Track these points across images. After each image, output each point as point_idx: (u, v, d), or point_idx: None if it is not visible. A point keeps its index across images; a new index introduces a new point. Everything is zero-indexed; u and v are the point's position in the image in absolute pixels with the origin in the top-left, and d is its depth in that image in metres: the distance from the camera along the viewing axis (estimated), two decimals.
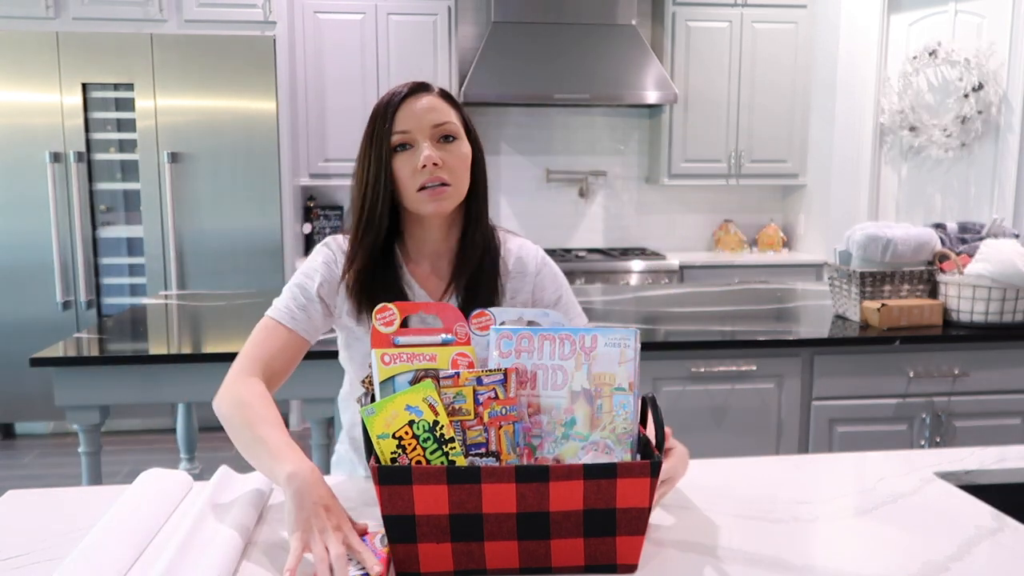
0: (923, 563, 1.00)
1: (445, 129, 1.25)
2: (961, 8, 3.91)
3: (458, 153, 1.26)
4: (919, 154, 4.10)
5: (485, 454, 0.98)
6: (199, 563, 0.95)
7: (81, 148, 3.89)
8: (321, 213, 4.62)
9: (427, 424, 0.96)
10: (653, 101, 4.40)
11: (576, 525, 0.94)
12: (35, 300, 3.94)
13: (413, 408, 0.96)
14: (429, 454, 0.95)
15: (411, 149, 1.24)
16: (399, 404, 0.96)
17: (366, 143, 1.26)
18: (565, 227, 4.93)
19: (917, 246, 2.49)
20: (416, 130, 1.23)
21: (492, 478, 0.92)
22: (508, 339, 1.02)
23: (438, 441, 0.96)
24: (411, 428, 0.95)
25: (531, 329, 1.02)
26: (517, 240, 1.42)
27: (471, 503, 0.93)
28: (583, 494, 0.93)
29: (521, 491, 0.92)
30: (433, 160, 1.22)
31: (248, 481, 1.21)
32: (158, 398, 2.30)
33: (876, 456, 1.39)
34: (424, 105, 1.24)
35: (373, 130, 1.25)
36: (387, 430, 0.95)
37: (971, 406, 2.46)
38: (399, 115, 1.23)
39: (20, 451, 3.97)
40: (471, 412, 0.98)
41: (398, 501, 0.92)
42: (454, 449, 0.96)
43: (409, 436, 0.95)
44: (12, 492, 1.23)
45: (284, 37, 4.07)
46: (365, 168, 1.26)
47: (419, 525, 0.93)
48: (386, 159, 1.24)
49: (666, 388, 2.37)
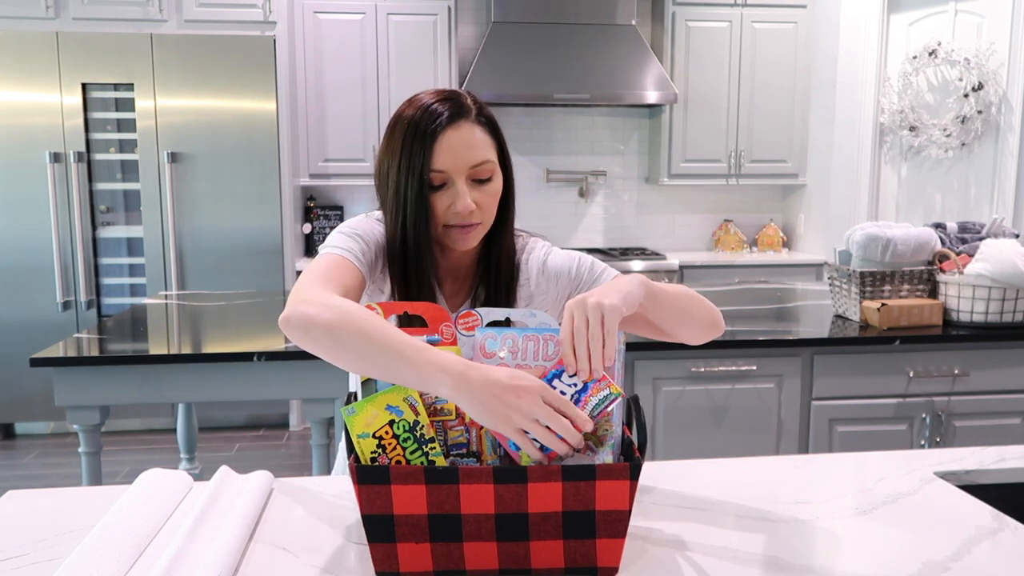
0: (923, 563, 1.00)
1: (481, 171, 1.21)
2: (961, 8, 3.91)
3: (492, 192, 1.23)
4: (919, 154, 4.10)
5: (466, 454, 0.98)
6: (199, 563, 0.95)
7: (81, 148, 3.90)
8: (321, 213, 4.62)
9: (407, 424, 0.95)
10: (653, 101, 4.40)
11: (555, 527, 0.94)
12: (35, 300, 3.94)
13: (393, 408, 0.95)
14: (409, 454, 0.95)
15: (445, 187, 1.20)
16: (379, 404, 0.95)
17: (400, 161, 1.19)
18: (565, 227, 4.93)
19: (917, 246, 2.49)
20: (453, 170, 1.19)
21: (470, 479, 0.92)
22: (493, 339, 1.01)
23: (418, 441, 0.96)
24: (391, 428, 0.95)
25: (516, 330, 1.01)
26: (542, 250, 1.36)
27: (449, 503, 0.92)
28: (562, 496, 0.93)
29: (499, 492, 0.92)
30: (470, 208, 1.19)
31: (248, 481, 1.21)
32: (158, 398, 2.30)
33: (876, 456, 1.39)
34: (463, 141, 1.19)
35: (408, 151, 1.18)
36: (367, 429, 0.95)
37: (971, 406, 2.46)
38: (438, 150, 1.17)
39: (20, 451, 3.97)
40: (452, 412, 0.98)
41: (377, 500, 0.93)
42: (434, 449, 0.96)
43: (389, 436, 0.95)
44: (12, 492, 1.23)
45: (284, 37, 4.07)
46: (401, 188, 1.19)
47: (398, 525, 0.93)
48: (425, 190, 1.19)
49: (666, 388, 2.37)
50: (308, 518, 1.14)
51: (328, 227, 4.62)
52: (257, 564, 1.00)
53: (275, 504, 1.18)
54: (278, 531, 1.09)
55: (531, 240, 1.39)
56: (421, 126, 1.18)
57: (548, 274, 1.34)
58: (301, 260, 4.35)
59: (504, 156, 1.27)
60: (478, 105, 1.23)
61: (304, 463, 3.75)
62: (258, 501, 1.15)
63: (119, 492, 1.20)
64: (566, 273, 1.34)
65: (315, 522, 1.13)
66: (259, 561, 1.01)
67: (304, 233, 4.58)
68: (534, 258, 1.35)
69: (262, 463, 3.58)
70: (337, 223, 4.62)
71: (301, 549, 1.05)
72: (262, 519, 1.13)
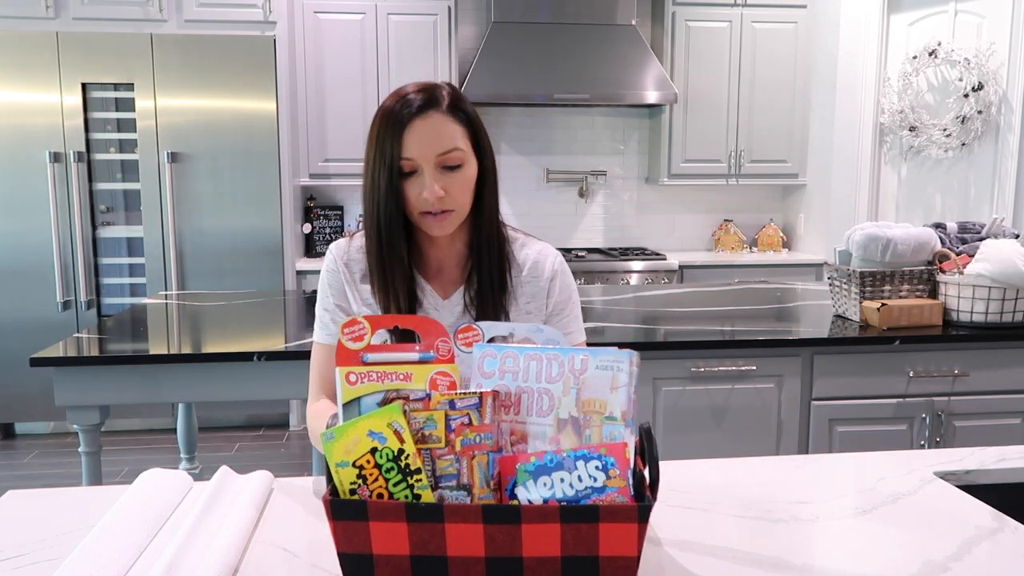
0: (923, 563, 1.00)
1: (450, 158, 1.24)
2: (961, 8, 3.91)
3: (462, 179, 1.26)
4: (919, 154, 4.10)
5: (456, 487, 0.88)
6: (199, 563, 0.95)
7: (81, 148, 3.89)
8: (321, 213, 4.61)
9: (391, 453, 0.87)
10: (653, 101, 4.40)
11: (553, 574, 0.84)
12: (35, 300, 3.94)
13: (376, 434, 0.87)
14: (392, 486, 0.86)
15: (416, 175, 1.24)
16: (361, 429, 0.87)
17: (374, 151, 1.25)
18: (565, 227, 4.93)
19: (917, 246, 2.49)
20: (420, 157, 1.23)
21: (456, 517, 0.83)
22: (492, 357, 0.94)
23: (403, 472, 0.87)
24: (373, 456, 0.86)
25: (517, 348, 0.94)
26: (537, 246, 1.42)
27: (434, 544, 0.83)
28: (560, 539, 0.83)
29: (490, 533, 0.83)
30: (437, 194, 1.23)
31: (248, 481, 1.21)
32: (158, 398, 2.30)
33: (876, 456, 1.39)
34: (432, 129, 1.23)
35: (381, 141, 1.24)
36: (347, 457, 0.86)
37: (971, 406, 2.46)
38: (406, 138, 1.22)
39: (20, 451, 3.97)
40: (442, 439, 0.89)
41: (354, 538, 0.84)
42: (420, 482, 0.87)
43: (371, 465, 0.86)
44: (12, 492, 1.23)
45: (284, 37, 4.07)
46: (375, 177, 1.25)
47: (377, 566, 0.85)
48: (395, 177, 1.23)
49: (666, 388, 2.37)
50: (308, 518, 1.14)
51: (328, 227, 4.62)
52: (257, 564, 1.00)
53: (275, 504, 1.18)
54: (278, 531, 1.09)
55: (529, 239, 1.43)
56: (393, 115, 1.23)
57: (539, 268, 1.39)
58: (301, 260, 4.35)
59: (480, 146, 1.29)
60: (453, 97, 1.27)
61: (304, 463, 3.75)
62: (258, 501, 1.15)
63: (119, 492, 1.20)
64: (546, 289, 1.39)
65: (315, 522, 1.13)
66: (259, 561, 1.01)
67: (304, 233, 4.58)
68: (531, 251, 1.41)
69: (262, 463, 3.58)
70: (337, 223, 4.63)
71: (301, 549, 1.04)
72: (262, 519, 1.13)
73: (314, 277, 4.13)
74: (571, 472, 0.86)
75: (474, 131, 1.28)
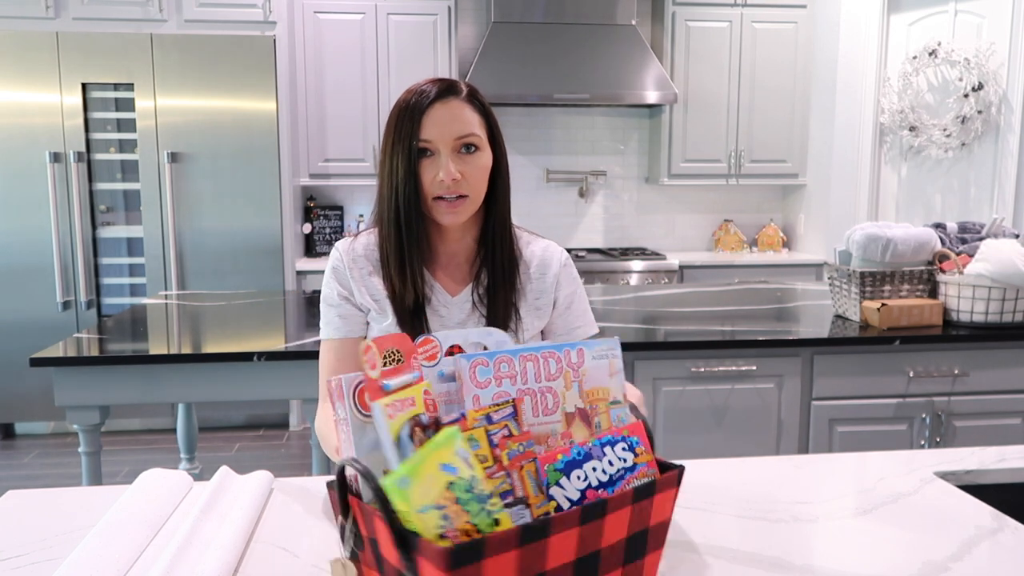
0: (923, 563, 1.00)
1: (467, 141, 1.26)
2: (961, 8, 3.91)
3: (478, 164, 1.27)
4: (919, 154, 4.10)
5: (514, 502, 0.84)
6: (199, 563, 0.95)
7: (81, 148, 3.89)
8: (321, 213, 4.61)
9: (465, 483, 0.78)
10: (653, 101, 4.40)
11: (618, 556, 0.86)
12: (35, 300, 3.94)
13: (448, 467, 0.78)
14: (474, 517, 0.78)
15: (432, 156, 1.25)
16: (432, 464, 0.77)
17: (392, 138, 1.26)
18: (565, 227, 4.93)
19: (917, 246, 2.49)
20: (439, 139, 1.24)
21: (560, 527, 0.80)
22: (484, 366, 0.91)
23: (479, 500, 0.79)
24: (450, 491, 0.77)
25: (509, 351, 0.92)
26: (542, 242, 1.44)
27: (538, 563, 0.79)
28: (628, 520, 0.85)
29: (582, 534, 0.82)
30: (453, 176, 1.24)
31: (248, 481, 1.21)
32: (158, 398, 2.30)
33: (876, 456, 1.39)
34: (450, 114, 1.25)
35: (399, 127, 1.25)
36: (426, 501, 0.75)
37: (971, 406, 2.46)
38: (425, 121, 1.24)
39: (20, 451, 3.97)
40: (489, 457, 0.85)
41: None
42: (495, 506, 0.80)
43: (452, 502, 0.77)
44: (12, 492, 1.23)
45: (284, 37, 4.07)
46: (393, 163, 1.26)
47: None
48: (414, 159, 1.25)
49: (666, 388, 2.37)
50: (308, 518, 1.14)
51: (328, 227, 4.62)
52: (257, 564, 1.00)
53: (275, 504, 1.18)
54: (278, 531, 1.09)
55: (534, 236, 1.45)
56: (411, 103, 1.26)
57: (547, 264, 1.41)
58: (301, 260, 4.35)
59: (495, 138, 1.32)
60: (471, 89, 1.30)
61: (304, 463, 3.75)
62: (258, 501, 1.15)
63: (119, 492, 1.20)
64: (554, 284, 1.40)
65: (315, 522, 1.13)
66: (259, 561, 1.01)
67: (304, 233, 4.58)
68: (537, 248, 1.43)
69: (262, 463, 3.58)
70: (337, 223, 4.63)
71: (301, 549, 1.05)
72: (262, 519, 1.13)
73: (314, 277, 4.13)
74: (601, 459, 0.88)
75: (490, 124, 1.31)
